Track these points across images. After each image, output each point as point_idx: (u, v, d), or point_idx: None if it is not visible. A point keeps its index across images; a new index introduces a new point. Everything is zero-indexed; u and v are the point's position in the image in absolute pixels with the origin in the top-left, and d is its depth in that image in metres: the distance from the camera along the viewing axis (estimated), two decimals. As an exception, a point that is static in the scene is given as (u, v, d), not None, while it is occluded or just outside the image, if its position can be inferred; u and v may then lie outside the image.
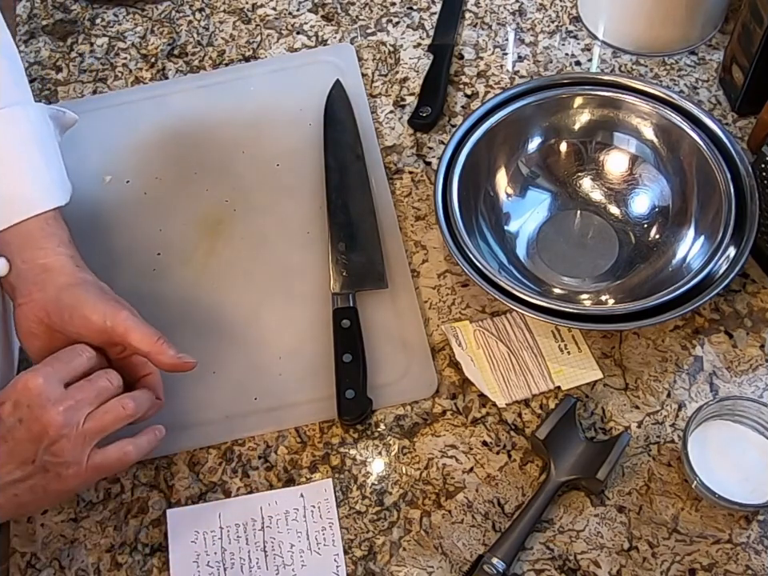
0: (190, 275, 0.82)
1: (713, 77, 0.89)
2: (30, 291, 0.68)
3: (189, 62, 0.96)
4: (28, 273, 0.68)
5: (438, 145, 0.88)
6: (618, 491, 0.68)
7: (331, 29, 0.97)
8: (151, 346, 0.66)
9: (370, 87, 0.92)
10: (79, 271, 0.70)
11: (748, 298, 0.76)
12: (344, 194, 0.83)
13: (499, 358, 0.74)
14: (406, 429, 0.73)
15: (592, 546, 0.67)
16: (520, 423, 0.72)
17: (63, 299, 0.67)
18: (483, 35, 0.95)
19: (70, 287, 0.68)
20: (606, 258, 0.79)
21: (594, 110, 0.81)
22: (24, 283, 0.68)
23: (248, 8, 1.00)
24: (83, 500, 0.72)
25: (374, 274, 0.79)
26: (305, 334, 0.77)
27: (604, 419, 0.72)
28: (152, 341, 0.66)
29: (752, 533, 0.66)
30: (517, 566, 0.66)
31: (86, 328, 0.66)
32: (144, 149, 0.89)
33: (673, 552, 0.66)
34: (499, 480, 0.70)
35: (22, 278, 0.69)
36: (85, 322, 0.66)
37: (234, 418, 0.74)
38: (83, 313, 0.66)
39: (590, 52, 0.92)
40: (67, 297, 0.67)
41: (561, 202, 0.82)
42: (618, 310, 0.71)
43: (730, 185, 0.74)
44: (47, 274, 0.68)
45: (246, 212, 0.85)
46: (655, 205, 0.80)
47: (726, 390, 0.72)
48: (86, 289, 0.68)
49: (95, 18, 1.01)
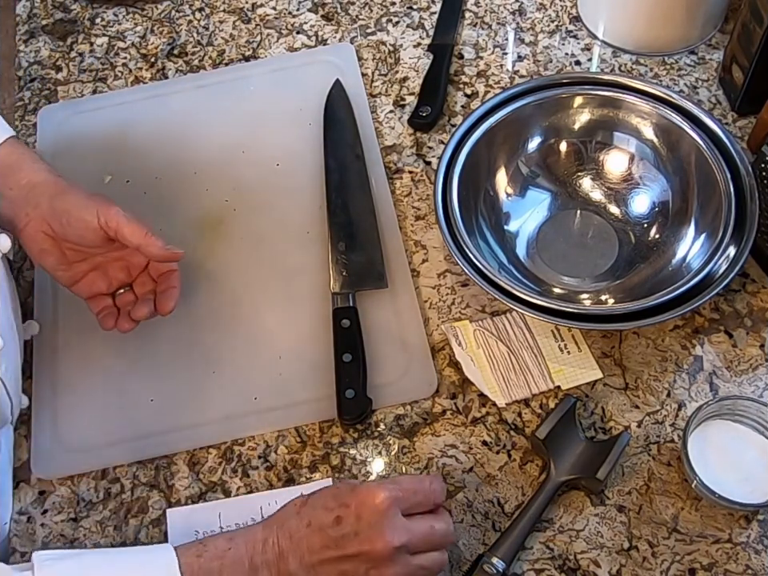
0: (190, 275, 0.82)
1: (713, 76, 0.89)
2: (26, 213, 0.72)
3: (189, 61, 0.96)
4: (17, 196, 0.73)
5: (438, 144, 0.88)
6: (617, 491, 0.68)
7: (331, 28, 0.97)
8: (141, 238, 0.71)
9: (370, 87, 0.92)
10: (61, 180, 0.74)
11: (748, 298, 0.76)
12: (344, 194, 0.83)
13: (499, 358, 0.74)
14: (406, 428, 0.73)
15: (592, 545, 0.67)
16: (520, 423, 0.72)
17: (57, 208, 0.72)
18: (483, 35, 0.95)
19: (58, 195, 0.72)
20: (605, 257, 0.79)
21: (594, 110, 0.81)
22: (18, 207, 0.73)
23: (248, 8, 1.00)
24: (83, 500, 0.72)
25: (374, 273, 0.79)
26: (305, 333, 0.77)
27: (604, 419, 0.72)
28: (142, 234, 0.71)
29: (752, 532, 0.66)
30: (517, 565, 0.66)
31: (85, 229, 0.71)
32: (144, 149, 0.89)
33: (673, 551, 0.66)
34: (499, 480, 0.70)
35: (14, 203, 0.73)
36: (82, 224, 0.71)
37: (234, 418, 0.74)
38: (78, 215, 0.71)
39: (590, 52, 0.92)
40: (59, 204, 0.72)
41: (561, 201, 0.82)
42: (617, 310, 0.71)
43: (729, 184, 0.74)
44: (34, 190, 0.73)
45: (246, 212, 0.85)
46: (655, 204, 0.80)
47: (726, 390, 0.72)
48: (74, 193, 0.73)
49: (95, 18, 1.01)
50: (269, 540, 0.61)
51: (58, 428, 0.75)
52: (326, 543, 0.59)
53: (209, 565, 0.60)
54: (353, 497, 0.61)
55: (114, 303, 0.76)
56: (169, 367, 0.77)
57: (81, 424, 0.75)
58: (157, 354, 0.78)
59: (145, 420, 0.75)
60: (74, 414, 0.76)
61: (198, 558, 0.60)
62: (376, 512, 0.59)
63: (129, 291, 0.76)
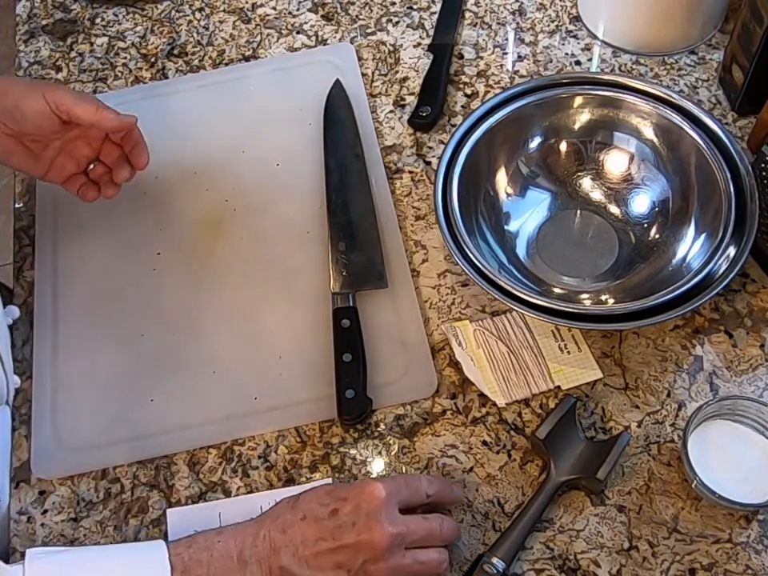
0: (190, 275, 0.82)
1: (713, 76, 0.89)
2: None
3: (189, 61, 0.96)
4: None
5: (438, 144, 0.88)
6: (617, 491, 0.68)
7: (331, 28, 0.97)
8: (93, 115, 0.74)
9: (370, 87, 0.92)
10: (3, 79, 0.77)
11: (748, 298, 0.76)
12: (344, 194, 0.83)
13: (499, 358, 0.74)
14: (406, 428, 0.73)
15: (592, 545, 0.67)
16: (520, 423, 0.72)
17: (5, 105, 0.73)
18: (483, 35, 0.95)
19: (2, 93, 0.74)
20: (605, 257, 0.79)
21: (594, 110, 0.81)
22: None
23: (248, 8, 1.00)
24: (83, 500, 0.72)
25: (374, 273, 0.79)
26: (305, 333, 0.77)
27: (604, 419, 0.72)
28: (93, 111, 0.73)
29: (752, 532, 0.66)
30: (517, 565, 0.66)
31: (40, 118, 0.73)
32: (144, 148, 0.89)
33: (673, 551, 0.66)
34: (499, 480, 0.70)
35: None
36: (34, 114, 0.73)
37: (234, 418, 0.74)
38: (26, 104, 0.73)
39: (590, 51, 0.92)
40: (6, 102, 0.73)
41: (561, 201, 0.82)
42: (617, 310, 0.71)
43: (729, 184, 0.74)
44: None
45: (246, 212, 0.85)
46: (655, 204, 0.80)
47: (726, 390, 0.72)
48: (14, 85, 0.75)
49: (95, 18, 1.01)
50: (260, 534, 0.60)
51: (58, 428, 0.75)
52: (322, 534, 0.59)
53: (198, 556, 0.60)
54: (349, 491, 0.61)
55: (89, 179, 0.80)
56: (169, 367, 0.77)
57: (81, 424, 0.75)
58: (157, 354, 0.78)
59: (145, 420, 0.75)
60: (73, 414, 0.76)
61: (188, 549, 0.60)
62: (374, 501, 0.60)
63: (99, 164, 0.80)
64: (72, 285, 0.82)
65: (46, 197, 0.87)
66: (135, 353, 0.78)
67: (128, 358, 0.78)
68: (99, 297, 0.81)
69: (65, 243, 0.84)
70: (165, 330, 0.79)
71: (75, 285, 0.82)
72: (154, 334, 0.79)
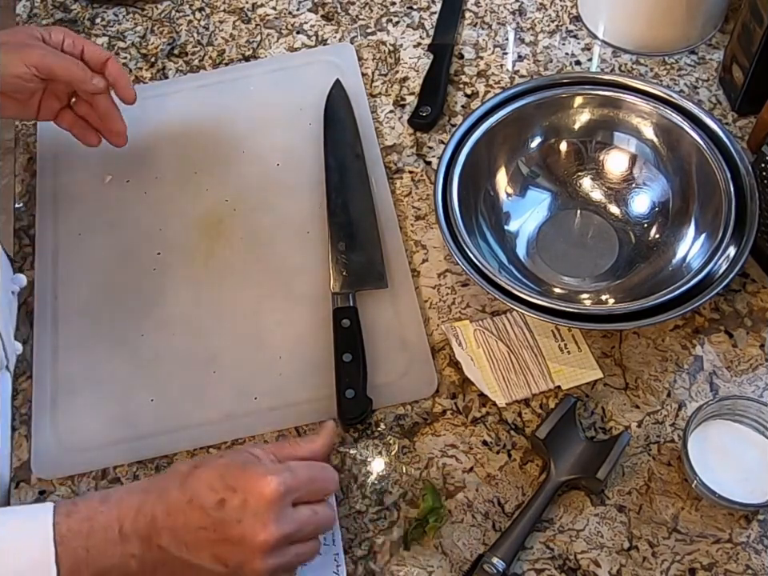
0: (190, 275, 0.82)
1: (713, 76, 0.89)
2: None
3: (189, 61, 0.96)
4: None
5: (438, 144, 0.88)
6: (617, 491, 0.68)
7: (331, 28, 0.97)
8: (74, 75, 0.77)
9: (370, 87, 0.92)
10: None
11: (748, 298, 0.76)
12: (344, 194, 0.83)
13: (499, 358, 0.74)
14: (406, 428, 0.73)
15: (592, 545, 0.67)
16: (520, 423, 0.72)
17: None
18: (483, 35, 0.95)
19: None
20: (606, 257, 0.79)
21: (594, 110, 0.81)
22: None
23: (248, 8, 1.00)
24: (83, 500, 0.72)
25: (374, 273, 0.79)
26: (305, 333, 0.77)
27: (604, 419, 0.72)
28: (74, 72, 0.77)
29: (752, 532, 0.66)
30: (517, 565, 0.66)
31: (24, 81, 0.76)
32: (144, 149, 0.89)
33: (673, 551, 0.66)
34: (499, 479, 0.70)
35: None
36: (16, 80, 0.75)
37: (234, 418, 0.74)
38: (8, 72, 0.75)
39: (590, 51, 0.92)
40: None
41: (561, 201, 0.82)
42: (617, 310, 0.71)
43: (729, 184, 0.74)
44: None
45: (246, 212, 0.85)
46: (655, 204, 0.80)
47: (726, 390, 0.72)
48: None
49: (95, 18, 1.01)
50: (143, 509, 0.57)
51: (58, 428, 0.75)
52: (204, 524, 0.57)
53: (78, 526, 0.56)
54: (242, 481, 0.57)
55: (77, 115, 0.83)
56: (169, 367, 0.77)
57: (81, 424, 0.75)
58: (157, 354, 0.78)
59: (145, 420, 0.75)
60: (73, 414, 0.76)
61: (67, 519, 0.56)
62: (264, 501, 0.56)
63: (79, 98, 0.82)
64: (72, 285, 0.82)
65: (46, 197, 0.87)
66: (135, 353, 0.78)
67: (128, 358, 0.78)
68: (99, 297, 0.81)
69: (65, 243, 0.84)
70: (165, 330, 0.79)
71: (75, 285, 0.82)
72: (154, 333, 0.79)
